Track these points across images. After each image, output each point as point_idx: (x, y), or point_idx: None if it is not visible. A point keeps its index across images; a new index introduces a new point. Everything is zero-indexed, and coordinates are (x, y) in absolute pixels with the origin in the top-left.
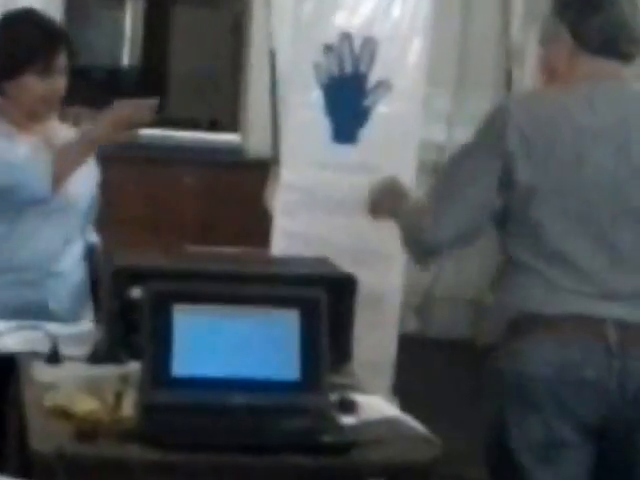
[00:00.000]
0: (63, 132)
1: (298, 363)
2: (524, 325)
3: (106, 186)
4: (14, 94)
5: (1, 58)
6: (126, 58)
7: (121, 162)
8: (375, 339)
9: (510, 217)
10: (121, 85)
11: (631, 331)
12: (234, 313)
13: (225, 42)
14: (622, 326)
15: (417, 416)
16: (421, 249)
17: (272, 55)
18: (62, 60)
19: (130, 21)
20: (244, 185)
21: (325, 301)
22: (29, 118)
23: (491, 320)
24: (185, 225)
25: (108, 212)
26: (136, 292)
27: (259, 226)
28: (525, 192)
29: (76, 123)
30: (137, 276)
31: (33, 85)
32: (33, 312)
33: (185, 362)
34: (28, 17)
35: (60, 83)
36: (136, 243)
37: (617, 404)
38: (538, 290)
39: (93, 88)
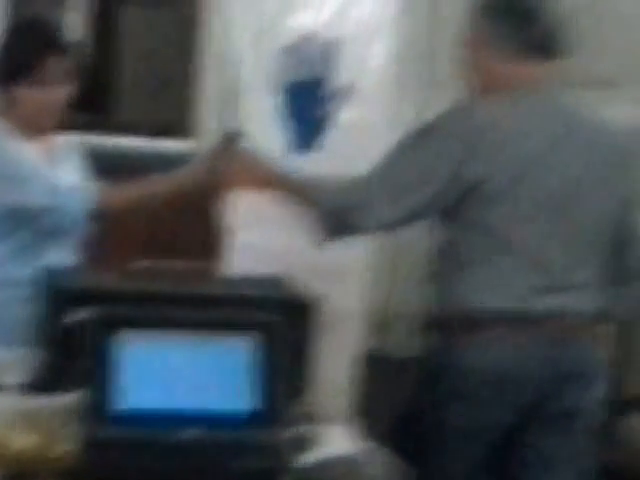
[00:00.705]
0: (62, 141)
1: (253, 394)
2: (472, 321)
3: None
4: (12, 106)
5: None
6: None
7: None
8: (335, 358)
9: (457, 216)
10: None
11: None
12: (184, 339)
13: (178, 44)
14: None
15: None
16: (344, 227)
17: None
18: (58, 69)
19: (74, 21)
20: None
21: (283, 326)
22: (29, 130)
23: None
24: (135, 240)
25: None
26: (78, 315)
27: (214, 240)
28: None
29: None
30: (79, 298)
31: (26, 97)
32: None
33: (130, 393)
34: (24, 26)
35: (58, 93)
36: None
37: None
38: (487, 284)
39: None
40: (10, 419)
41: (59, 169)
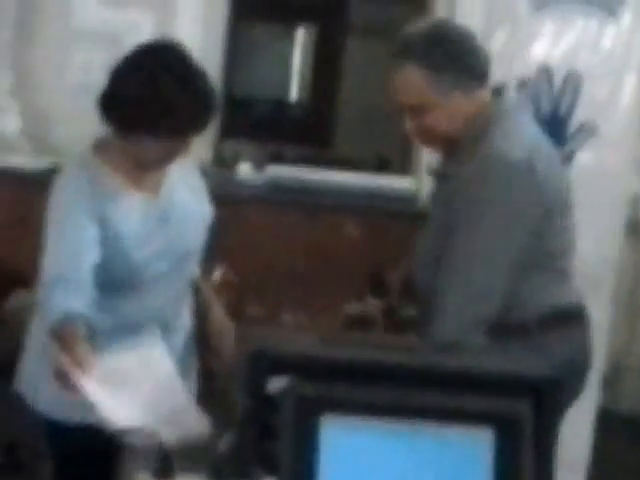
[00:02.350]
0: (177, 177)
1: None
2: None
3: (246, 234)
4: (128, 145)
5: (120, 105)
6: (294, 91)
7: (266, 207)
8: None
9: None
10: (286, 121)
11: None
12: (403, 430)
13: None
14: None
15: None
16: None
17: None
18: None
19: (299, 52)
20: (416, 238)
21: (529, 417)
22: (140, 170)
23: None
24: (343, 282)
25: (250, 264)
26: (276, 384)
27: None
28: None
29: (232, 162)
30: (279, 364)
31: (147, 145)
32: None
33: None
34: (159, 62)
35: (178, 145)
36: (289, 302)
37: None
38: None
39: (257, 122)
40: None
41: (174, 193)
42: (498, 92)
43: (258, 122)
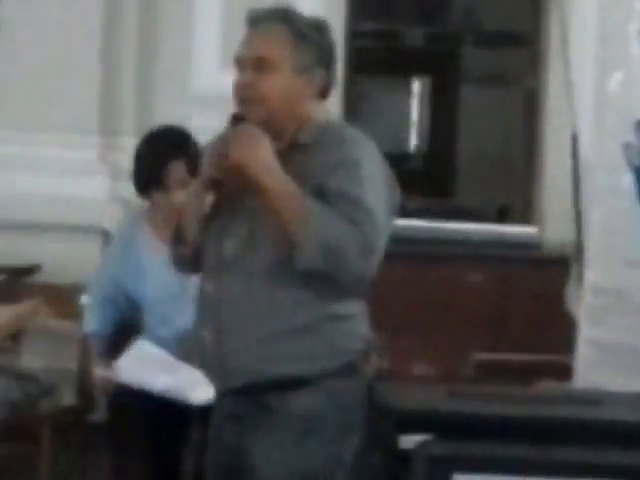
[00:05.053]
0: None
1: None
2: None
3: (373, 287)
4: (153, 210)
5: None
6: (412, 142)
7: (393, 259)
8: None
9: None
10: (406, 171)
11: None
12: None
13: (518, 123)
14: None
15: None
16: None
17: (574, 136)
18: (177, 174)
19: (416, 103)
20: (540, 285)
21: None
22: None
23: None
24: (469, 331)
25: (379, 317)
26: (408, 441)
27: (558, 332)
28: None
29: None
30: (409, 420)
31: (158, 199)
32: None
33: None
34: (154, 135)
35: (177, 197)
36: (414, 352)
37: None
38: None
39: None
40: None
41: None
42: None
43: None
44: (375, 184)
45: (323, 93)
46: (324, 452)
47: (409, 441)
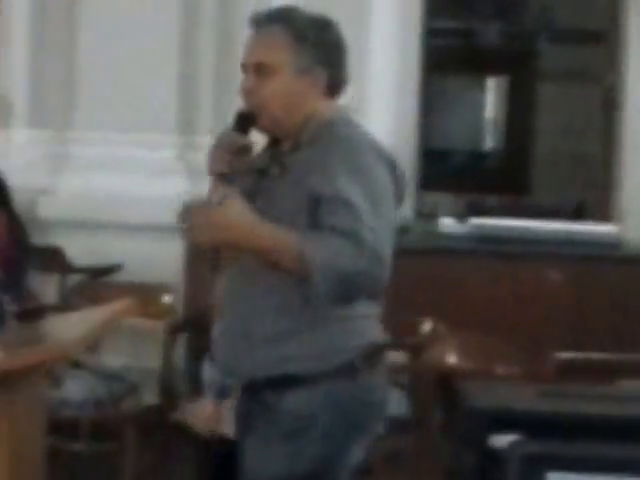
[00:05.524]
0: None
1: None
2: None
3: (453, 286)
4: None
5: None
6: (488, 140)
7: (471, 258)
8: None
9: None
10: (482, 169)
11: None
12: None
13: (595, 120)
14: None
15: None
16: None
17: None
18: None
19: (492, 101)
20: (620, 284)
21: None
22: None
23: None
24: (549, 330)
25: (456, 316)
26: (501, 441)
27: None
28: None
29: (432, 214)
30: (500, 420)
31: None
32: None
33: None
34: None
35: None
36: (492, 354)
37: None
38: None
39: (453, 173)
40: None
41: None
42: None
43: (455, 173)
44: (369, 180)
45: (331, 91)
46: (311, 452)
47: (500, 440)
